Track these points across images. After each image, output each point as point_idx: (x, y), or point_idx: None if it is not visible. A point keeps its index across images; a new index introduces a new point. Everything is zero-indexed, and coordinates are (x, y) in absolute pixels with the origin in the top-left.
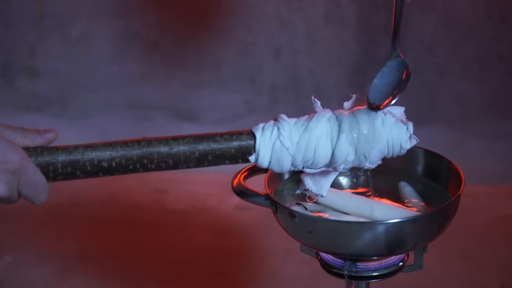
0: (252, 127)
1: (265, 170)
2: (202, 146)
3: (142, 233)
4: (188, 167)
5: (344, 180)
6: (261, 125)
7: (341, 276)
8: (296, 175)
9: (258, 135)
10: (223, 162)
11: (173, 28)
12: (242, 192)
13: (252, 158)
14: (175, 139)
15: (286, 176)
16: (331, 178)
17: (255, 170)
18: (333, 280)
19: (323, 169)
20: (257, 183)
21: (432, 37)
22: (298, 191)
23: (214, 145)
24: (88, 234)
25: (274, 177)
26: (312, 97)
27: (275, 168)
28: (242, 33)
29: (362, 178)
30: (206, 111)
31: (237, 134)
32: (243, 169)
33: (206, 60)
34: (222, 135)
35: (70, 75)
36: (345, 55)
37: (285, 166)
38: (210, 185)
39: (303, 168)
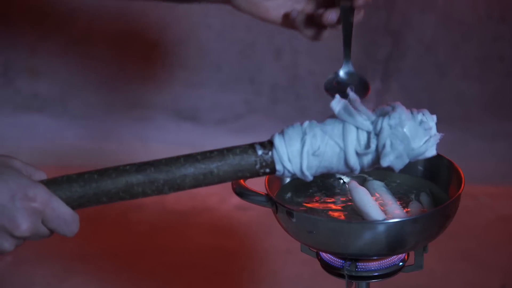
0: (253, 129)
1: None
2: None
3: (142, 233)
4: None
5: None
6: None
7: (341, 276)
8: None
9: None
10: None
11: (173, 28)
12: (242, 192)
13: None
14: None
15: (288, 179)
16: None
17: None
18: (334, 280)
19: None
20: (257, 183)
21: (432, 37)
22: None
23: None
24: (88, 234)
25: (275, 177)
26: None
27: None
28: (242, 33)
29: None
30: (206, 111)
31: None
32: None
33: (206, 60)
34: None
35: (70, 75)
36: None
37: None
38: (210, 185)
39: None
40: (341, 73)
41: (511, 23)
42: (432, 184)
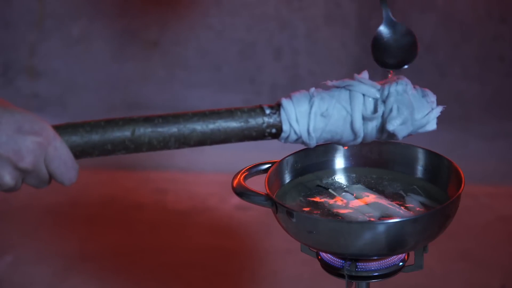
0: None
1: (265, 171)
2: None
3: (142, 233)
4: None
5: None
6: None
7: (341, 276)
8: (297, 178)
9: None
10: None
11: (173, 28)
12: (242, 192)
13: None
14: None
15: (288, 179)
16: None
17: (255, 170)
18: (334, 280)
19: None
20: (257, 183)
21: (432, 37)
22: None
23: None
24: (88, 234)
25: (274, 177)
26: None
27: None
28: (242, 33)
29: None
30: None
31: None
32: (242, 169)
33: (206, 60)
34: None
35: (70, 75)
36: (345, 55)
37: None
38: (210, 185)
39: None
40: (383, 28)
41: (511, 23)
42: (429, 183)
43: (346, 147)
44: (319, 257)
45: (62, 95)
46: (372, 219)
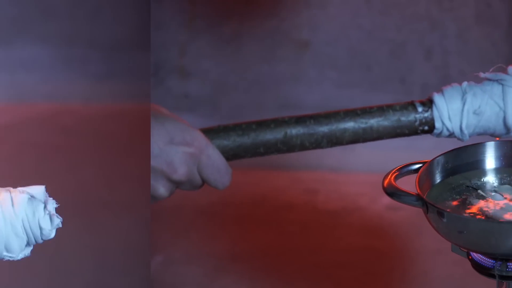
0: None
1: (416, 171)
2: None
3: (293, 233)
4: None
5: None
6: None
7: (492, 276)
8: (447, 178)
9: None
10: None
11: (324, 28)
12: (392, 192)
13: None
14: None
15: (438, 179)
16: None
17: (406, 170)
18: (484, 280)
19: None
20: (407, 183)
21: None
22: None
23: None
24: (239, 234)
25: (425, 177)
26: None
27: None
28: (393, 33)
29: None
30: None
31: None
32: (393, 169)
33: (355, 60)
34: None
35: (220, 75)
36: (496, 55)
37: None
38: (361, 185)
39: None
40: None
41: None
42: None
43: (498, 138)
44: (470, 257)
45: (212, 95)
46: None
